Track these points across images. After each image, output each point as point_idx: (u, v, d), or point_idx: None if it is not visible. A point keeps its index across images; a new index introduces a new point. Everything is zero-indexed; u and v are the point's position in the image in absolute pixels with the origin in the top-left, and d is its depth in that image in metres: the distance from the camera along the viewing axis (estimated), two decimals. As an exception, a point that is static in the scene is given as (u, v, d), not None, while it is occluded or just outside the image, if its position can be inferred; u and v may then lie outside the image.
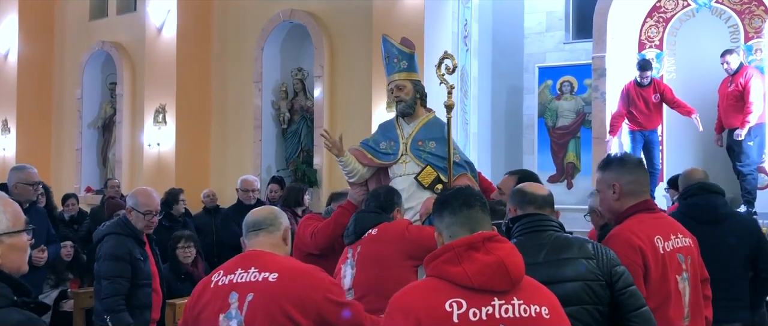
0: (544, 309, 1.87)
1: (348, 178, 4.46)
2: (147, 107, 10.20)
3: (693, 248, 2.71)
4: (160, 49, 10.09)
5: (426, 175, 4.20)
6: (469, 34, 8.91)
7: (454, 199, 2.01)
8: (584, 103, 9.62)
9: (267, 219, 2.64)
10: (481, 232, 1.90)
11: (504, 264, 1.83)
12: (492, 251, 1.85)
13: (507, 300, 1.83)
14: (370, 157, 4.40)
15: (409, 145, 4.33)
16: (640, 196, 2.69)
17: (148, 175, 10.10)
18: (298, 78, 9.55)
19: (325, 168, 8.88)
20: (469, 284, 1.82)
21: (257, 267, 2.48)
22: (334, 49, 8.96)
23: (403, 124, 4.46)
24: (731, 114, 7.41)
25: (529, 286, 1.92)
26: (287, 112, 9.59)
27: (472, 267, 1.82)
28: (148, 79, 10.31)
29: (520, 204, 2.59)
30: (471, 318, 1.79)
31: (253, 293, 2.42)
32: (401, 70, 4.49)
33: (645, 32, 8.39)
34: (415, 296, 1.88)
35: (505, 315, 1.81)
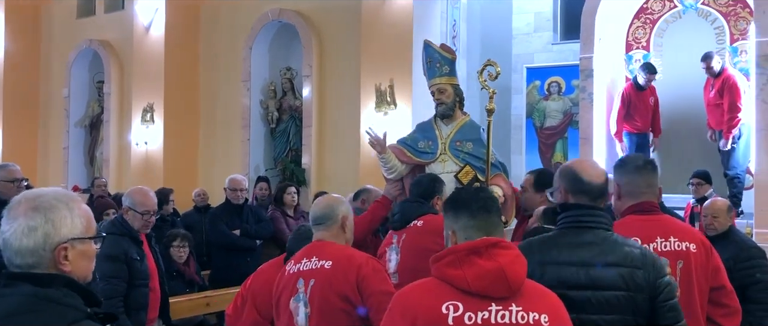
0: (544, 317, 1.86)
1: (387, 175, 4.71)
2: (135, 106, 10.16)
3: (692, 253, 2.61)
4: (148, 48, 10.05)
5: (465, 174, 4.47)
6: (457, 35, 8.93)
7: (474, 202, 2.01)
8: (572, 104, 9.67)
9: (324, 215, 2.92)
10: (485, 238, 1.91)
11: (503, 271, 1.84)
12: (494, 257, 1.86)
13: (505, 307, 1.84)
14: (409, 155, 4.66)
15: (448, 145, 4.61)
16: (638, 197, 2.71)
17: (136, 174, 10.07)
18: (286, 77, 9.55)
19: (313, 167, 8.88)
20: (468, 288, 1.84)
21: (317, 256, 2.82)
22: (323, 49, 8.96)
23: (441, 125, 4.73)
24: (714, 116, 7.49)
25: (531, 293, 1.92)
26: (276, 112, 9.58)
27: (471, 271, 1.84)
28: (136, 77, 10.27)
29: (573, 191, 2.41)
30: (466, 322, 1.82)
31: (314, 279, 2.77)
32: (443, 74, 4.73)
33: (632, 33, 8.45)
34: (415, 296, 1.91)
35: (501, 321, 1.83)
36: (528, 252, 2.13)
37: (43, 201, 1.67)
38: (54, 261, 1.65)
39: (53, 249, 1.65)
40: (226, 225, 6.24)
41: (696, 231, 2.88)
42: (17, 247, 1.64)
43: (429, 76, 4.85)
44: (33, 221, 1.64)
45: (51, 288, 1.62)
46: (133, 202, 3.96)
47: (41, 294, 1.61)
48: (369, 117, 8.03)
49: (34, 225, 1.64)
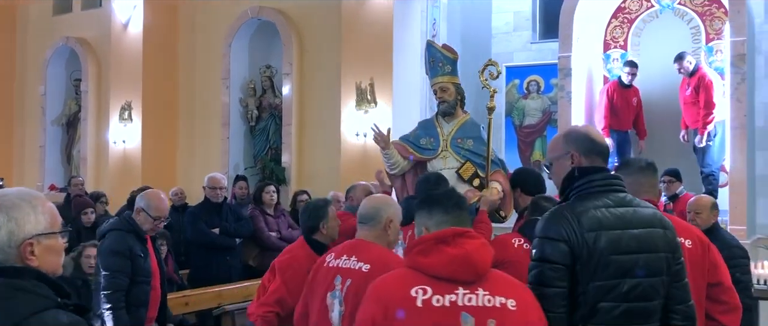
0: (510, 301, 1.97)
1: (389, 170, 4.87)
2: (112, 104, 10.06)
3: (687, 248, 2.72)
4: (126, 46, 9.95)
5: (466, 170, 4.64)
6: (437, 33, 8.95)
7: (447, 200, 2.15)
8: (550, 103, 9.73)
9: (369, 216, 2.95)
10: (453, 228, 2.03)
11: (469, 256, 1.96)
12: (461, 245, 1.98)
13: (471, 291, 1.96)
14: (411, 151, 4.81)
15: (450, 142, 4.77)
16: (640, 196, 2.75)
17: (114, 173, 9.97)
18: (266, 75, 9.51)
19: (293, 165, 8.86)
20: (436, 273, 1.96)
21: (356, 256, 2.83)
22: (303, 47, 8.94)
23: (442, 123, 4.88)
24: (690, 114, 7.59)
25: (498, 279, 2.03)
26: (255, 110, 9.54)
27: (439, 258, 1.96)
28: (113, 75, 10.17)
29: (586, 153, 2.37)
30: (434, 304, 1.93)
31: (351, 279, 2.79)
32: (445, 73, 4.90)
33: (610, 33, 8.53)
34: (386, 283, 2.04)
35: (468, 304, 1.93)
36: (575, 225, 2.20)
37: (6, 200, 1.75)
38: (21, 256, 1.72)
39: (18, 245, 1.72)
40: (205, 223, 6.20)
41: (694, 228, 2.98)
42: None
43: (431, 75, 4.99)
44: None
45: (21, 279, 1.70)
46: (148, 206, 4.02)
47: (11, 283, 1.68)
48: (349, 115, 8.03)
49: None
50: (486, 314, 1.94)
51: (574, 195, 2.33)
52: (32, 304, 1.66)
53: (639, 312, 2.24)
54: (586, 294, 2.20)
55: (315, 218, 3.72)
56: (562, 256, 2.19)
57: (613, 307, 2.20)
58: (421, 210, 2.17)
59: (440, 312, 1.93)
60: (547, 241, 2.23)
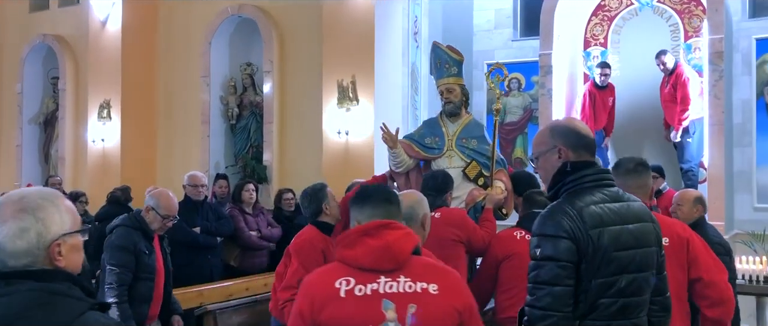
0: (433, 286, 2.04)
1: (395, 168, 5.02)
2: (91, 102, 9.94)
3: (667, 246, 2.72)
4: (105, 43, 9.84)
5: (472, 169, 4.81)
6: (419, 31, 8.95)
7: (378, 194, 2.24)
8: (531, 100, 9.77)
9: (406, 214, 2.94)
10: (376, 221, 2.11)
11: (389, 246, 2.03)
12: (382, 236, 2.05)
13: (393, 278, 2.03)
14: (417, 150, 4.96)
15: (455, 142, 4.93)
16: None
17: (93, 172, 9.86)
18: (247, 73, 9.45)
19: (274, 164, 8.81)
20: (359, 264, 2.04)
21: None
22: (284, 44, 8.90)
23: (447, 123, 5.04)
24: (670, 112, 7.67)
25: (422, 266, 2.10)
26: (236, 108, 9.48)
27: (362, 250, 2.04)
28: (92, 73, 10.05)
29: (574, 147, 2.35)
30: (356, 293, 2.01)
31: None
32: (451, 74, 5.05)
33: (590, 30, 8.59)
34: (313, 277, 2.13)
35: (389, 291, 2.01)
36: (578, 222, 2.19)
37: (30, 202, 1.70)
38: (49, 258, 1.68)
39: (47, 247, 1.68)
40: (185, 222, 6.13)
41: (675, 224, 3.07)
42: (11, 250, 1.65)
43: (437, 76, 5.14)
44: (23, 222, 1.66)
45: (55, 283, 1.65)
46: (158, 204, 4.07)
47: (47, 288, 1.63)
48: (331, 113, 8.01)
49: (26, 226, 1.66)
50: (407, 299, 2.00)
51: (567, 191, 2.31)
52: (71, 309, 1.62)
53: (634, 306, 2.28)
54: (588, 291, 2.21)
55: (316, 201, 4.05)
56: (570, 254, 2.18)
57: (612, 303, 2.22)
58: (354, 205, 2.25)
59: (363, 300, 2.00)
60: (550, 239, 2.21)
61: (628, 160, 3.18)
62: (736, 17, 7.98)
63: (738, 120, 7.99)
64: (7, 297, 1.60)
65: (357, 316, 1.99)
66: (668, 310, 2.44)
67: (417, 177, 4.94)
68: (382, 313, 1.99)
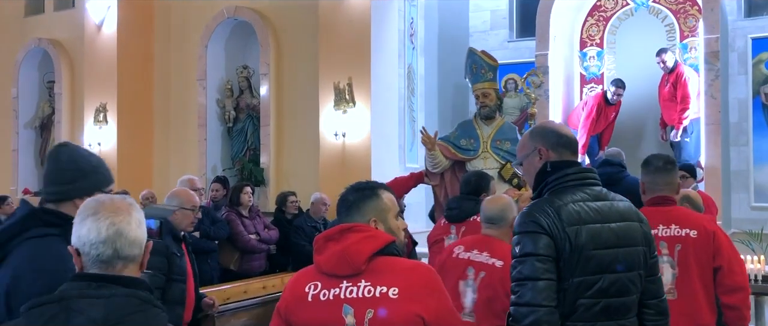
0: (393, 290, 2.00)
1: (431, 169, 5.27)
2: (87, 106, 9.92)
3: (691, 238, 3.07)
4: (100, 47, 9.82)
5: (507, 171, 5.04)
6: (415, 32, 8.95)
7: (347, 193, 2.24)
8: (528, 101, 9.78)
9: (498, 217, 3.39)
10: (341, 225, 2.11)
11: (345, 251, 2.03)
12: (342, 241, 2.06)
13: (353, 283, 2.03)
14: (453, 151, 5.23)
15: (489, 144, 5.19)
16: (656, 192, 3.23)
17: (89, 176, 9.83)
18: (243, 76, 9.43)
19: (272, 166, 8.80)
20: (324, 269, 2.07)
21: (488, 252, 3.29)
22: (280, 47, 8.89)
23: (482, 125, 5.29)
24: (669, 111, 7.68)
25: (385, 269, 2.04)
26: (233, 111, 9.46)
27: (326, 255, 2.07)
28: (87, 77, 10.02)
29: (554, 146, 2.37)
30: (321, 298, 2.05)
31: (485, 272, 3.24)
32: (487, 79, 5.32)
33: (586, 31, 8.60)
34: (294, 277, 2.18)
35: (349, 296, 2.02)
36: (555, 219, 2.21)
37: (129, 204, 1.76)
38: (139, 264, 1.76)
39: (143, 252, 1.77)
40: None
41: (703, 220, 3.21)
42: (133, 237, 1.71)
43: (473, 81, 5.39)
44: (140, 215, 1.75)
45: (141, 291, 1.70)
46: (181, 201, 4.09)
47: (138, 295, 1.68)
48: (328, 115, 8.00)
49: (141, 220, 1.75)
50: (365, 304, 2.00)
51: (549, 190, 2.32)
52: (159, 317, 1.68)
53: (617, 308, 2.25)
54: (567, 290, 2.19)
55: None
56: (549, 249, 2.19)
57: (594, 304, 2.20)
58: (339, 210, 2.25)
59: (325, 305, 2.03)
60: (529, 235, 2.21)
61: (657, 157, 3.33)
62: (732, 17, 8.00)
63: (734, 119, 8.01)
64: (105, 299, 1.62)
65: (320, 320, 2.03)
66: (664, 314, 2.41)
67: (451, 177, 5.17)
68: (343, 318, 2.01)
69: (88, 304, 1.60)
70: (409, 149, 8.76)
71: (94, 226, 1.67)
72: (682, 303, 3.05)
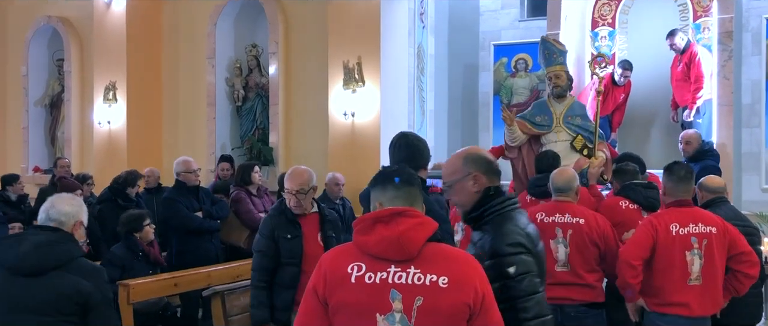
0: (442, 279, 2.01)
1: (510, 143, 5.98)
2: (96, 84, 9.93)
3: (713, 234, 3.72)
4: (110, 25, 9.81)
5: (578, 142, 5.85)
6: (425, 11, 8.89)
7: (397, 175, 2.23)
8: (538, 81, 9.72)
9: (567, 187, 4.17)
10: (392, 208, 2.09)
11: (400, 237, 2.02)
12: (395, 225, 2.04)
13: (403, 269, 2.02)
14: (529, 127, 5.95)
15: (562, 119, 5.91)
16: (677, 196, 3.84)
17: (99, 154, 9.87)
18: (252, 54, 9.41)
19: (281, 145, 8.79)
20: (371, 251, 2.05)
21: (570, 213, 4.06)
22: (289, 25, 8.84)
23: (554, 104, 6.00)
24: (681, 92, 7.61)
25: (433, 257, 2.06)
26: (242, 90, 9.45)
27: (374, 237, 2.04)
28: (97, 55, 10.03)
29: (488, 173, 2.56)
30: (366, 281, 2.02)
31: (572, 230, 4.01)
32: (558, 63, 6.09)
33: (598, 10, 8.50)
34: (330, 256, 2.15)
35: (398, 281, 2.01)
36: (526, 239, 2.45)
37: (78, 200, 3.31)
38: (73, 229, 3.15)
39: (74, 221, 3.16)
40: (185, 208, 6.13)
41: (717, 219, 3.82)
42: (65, 211, 3.13)
43: (546, 65, 6.16)
44: (76, 200, 3.28)
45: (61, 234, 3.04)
46: (287, 184, 4.09)
47: (59, 236, 3.02)
48: (337, 94, 7.98)
49: (78, 202, 3.27)
50: (414, 291, 2.00)
51: (495, 214, 2.48)
52: (73, 250, 3.10)
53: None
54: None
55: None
56: (534, 265, 2.43)
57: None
58: (375, 185, 2.24)
59: (371, 288, 2.01)
60: (518, 256, 2.40)
61: (680, 167, 3.91)
62: (746, -4, 7.89)
63: (747, 100, 7.92)
64: (36, 236, 2.99)
65: (365, 303, 2.00)
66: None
67: (528, 150, 5.91)
68: (389, 303, 1.99)
69: (32, 234, 3.03)
70: (419, 129, 8.74)
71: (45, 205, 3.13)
72: (707, 288, 3.72)
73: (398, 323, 1.99)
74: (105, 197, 6.97)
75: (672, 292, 3.71)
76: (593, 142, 5.83)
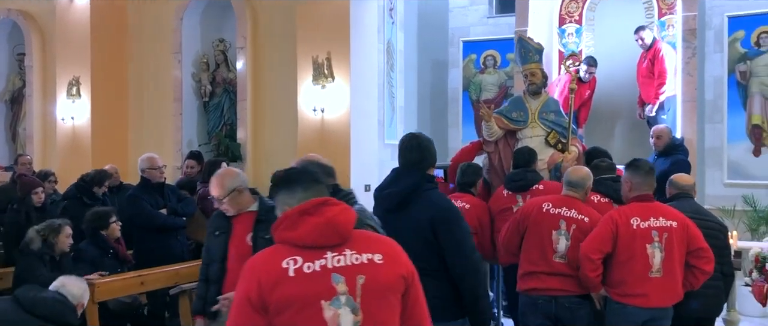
0: (377, 256, 2.11)
1: (487, 138, 6.15)
2: (59, 79, 9.72)
3: (673, 228, 3.87)
4: (73, 18, 9.60)
5: (552, 137, 5.99)
6: (394, 7, 8.88)
7: (304, 177, 2.30)
8: (507, 77, 9.80)
9: (579, 183, 4.30)
10: (313, 200, 2.13)
11: (331, 222, 2.07)
12: (323, 213, 2.08)
13: (339, 252, 2.08)
14: (505, 122, 6.11)
15: (537, 115, 6.07)
16: (640, 191, 3.99)
17: (63, 151, 9.67)
18: (219, 49, 9.30)
19: (249, 141, 8.71)
20: (304, 243, 2.07)
21: (576, 209, 4.18)
22: (258, 20, 8.75)
23: (530, 100, 6.16)
24: (647, 88, 7.73)
25: (363, 239, 2.17)
26: (209, 85, 9.33)
27: (305, 228, 2.07)
28: (60, 49, 9.81)
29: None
30: (305, 271, 2.04)
31: (576, 225, 4.12)
32: (534, 61, 6.24)
33: (565, 7, 8.59)
34: (258, 260, 2.13)
35: (337, 265, 2.05)
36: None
37: None
38: None
39: None
40: (150, 205, 6.03)
41: (678, 213, 3.98)
42: None
43: (522, 63, 6.33)
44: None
45: None
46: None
47: None
48: (306, 90, 7.93)
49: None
50: (355, 271, 2.06)
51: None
52: None
53: None
54: None
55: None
56: None
57: None
58: (282, 190, 2.26)
59: (312, 277, 2.03)
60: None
61: (644, 163, 4.08)
62: (709, -6, 8.04)
63: (710, 97, 8.09)
64: None
65: (309, 293, 2.02)
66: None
67: (504, 144, 6.10)
68: (333, 287, 2.03)
69: None
70: (388, 125, 8.74)
71: None
72: (667, 280, 3.86)
73: (344, 305, 2.02)
74: (70, 194, 6.83)
75: (633, 284, 3.85)
76: (566, 137, 5.99)
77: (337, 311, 2.01)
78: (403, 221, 3.26)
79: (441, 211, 3.26)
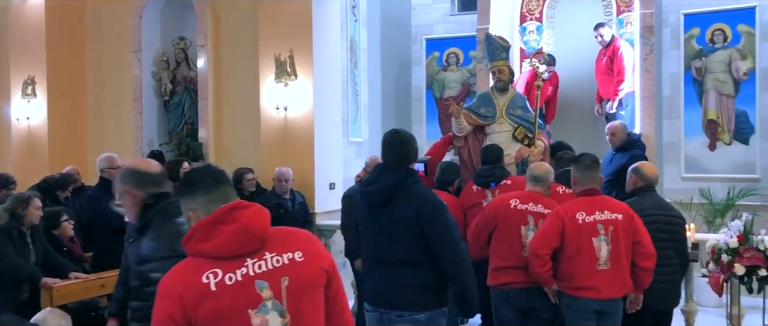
0: (297, 254, 2.05)
1: (457, 133, 6.31)
2: (13, 79, 9.47)
3: (619, 221, 3.96)
4: (27, 15, 9.36)
5: (519, 132, 6.15)
6: (357, 5, 8.86)
7: (207, 178, 2.14)
8: (469, 75, 9.86)
9: (544, 177, 4.40)
10: (223, 206, 2.02)
11: (247, 228, 1.98)
12: (236, 219, 1.99)
13: (259, 257, 2.00)
14: (474, 118, 6.26)
15: (504, 111, 6.24)
16: (585, 185, 4.10)
17: (18, 152, 9.43)
18: (180, 47, 9.17)
19: (211, 141, 8.61)
20: (221, 254, 1.97)
21: (542, 204, 4.30)
22: (219, 17, 8.66)
23: (498, 96, 6.32)
24: (605, 85, 7.86)
25: (280, 238, 2.08)
26: (169, 83, 9.19)
27: (219, 239, 1.97)
28: (13, 48, 9.55)
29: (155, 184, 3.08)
30: (228, 282, 1.95)
31: (542, 219, 4.19)
32: (501, 58, 6.41)
33: (526, 5, 8.67)
34: (174, 277, 2.00)
35: (259, 271, 1.99)
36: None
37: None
38: None
39: None
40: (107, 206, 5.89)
41: (624, 206, 4.07)
42: None
43: (490, 60, 6.51)
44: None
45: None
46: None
47: None
48: (269, 88, 7.86)
49: None
50: (278, 274, 2.01)
51: (157, 216, 2.88)
52: None
53: None
54: None
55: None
56: None
57: None
58: (184, 195, 2.14)
59: (235, 288, 1.95)
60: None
61: (587, 156, 4.17)
62: (666, -9, 8.20)
63: (667, 93, 8.26)
64: None
65: (234, 305, 1.93)
66: None
67: (473, 139, 6.25)
68: (258, 294, 1.96)
69: None
70: (352, 122, 8.72)
71: None
72: (615, 271, 3.96)
73: (272, 310, 1.98)
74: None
75: (582, 277, 3.95)
76: (533, 132, 6.12)
77: (265, 317, 1.96)
78: (389, 215, 3.36)
79: (427, 205, 3.32)
